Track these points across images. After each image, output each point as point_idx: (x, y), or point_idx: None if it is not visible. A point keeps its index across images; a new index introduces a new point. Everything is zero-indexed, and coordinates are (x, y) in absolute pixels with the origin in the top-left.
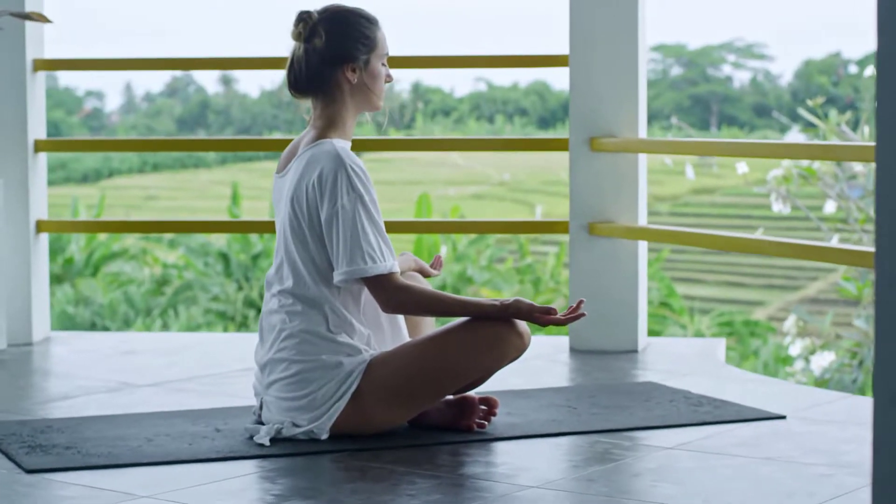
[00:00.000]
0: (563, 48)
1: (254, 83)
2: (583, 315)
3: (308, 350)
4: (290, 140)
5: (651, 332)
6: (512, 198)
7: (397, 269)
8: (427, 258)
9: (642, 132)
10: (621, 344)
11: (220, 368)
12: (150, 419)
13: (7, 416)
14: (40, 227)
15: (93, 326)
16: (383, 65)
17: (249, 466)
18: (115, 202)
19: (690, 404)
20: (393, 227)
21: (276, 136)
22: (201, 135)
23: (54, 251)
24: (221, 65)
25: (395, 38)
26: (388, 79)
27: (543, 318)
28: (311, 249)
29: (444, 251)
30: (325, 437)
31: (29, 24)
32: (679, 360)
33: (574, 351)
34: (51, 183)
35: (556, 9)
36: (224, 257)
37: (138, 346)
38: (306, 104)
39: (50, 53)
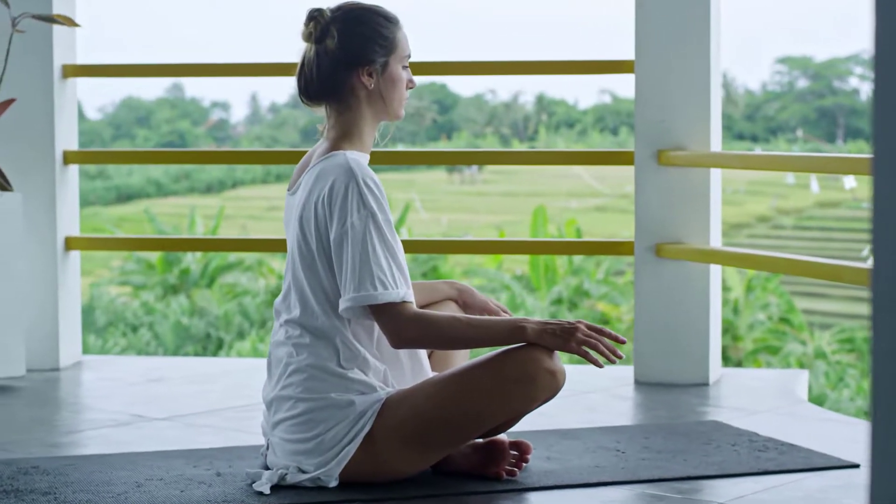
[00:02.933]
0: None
1: None
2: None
3: (316, 387)
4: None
5: (769, 350)
6: (633, 210)
7: (412, 299)
8: (544, 272)
9: (715, 145)
10: (691, 376)
11: (247, 400)
12: (148, 459)
13: None
14: (69, 244)
15: (207, 338)
16: (404, 68)
17: None
18: (236, 213)
19: (754, 449)
20: (456, 247)
21: (400, 147)
22: None
23: (170, 262)
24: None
25: (455, 44)
26: (410, 84)
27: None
28: (321, 275)
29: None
30: (333, 484)
31: (58, 29)
32: (753, 395)
33: (639, 384)
34: (173, 193)
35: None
36: None
37: (170, 373)
38: (320, 113)
39: (108, 59)
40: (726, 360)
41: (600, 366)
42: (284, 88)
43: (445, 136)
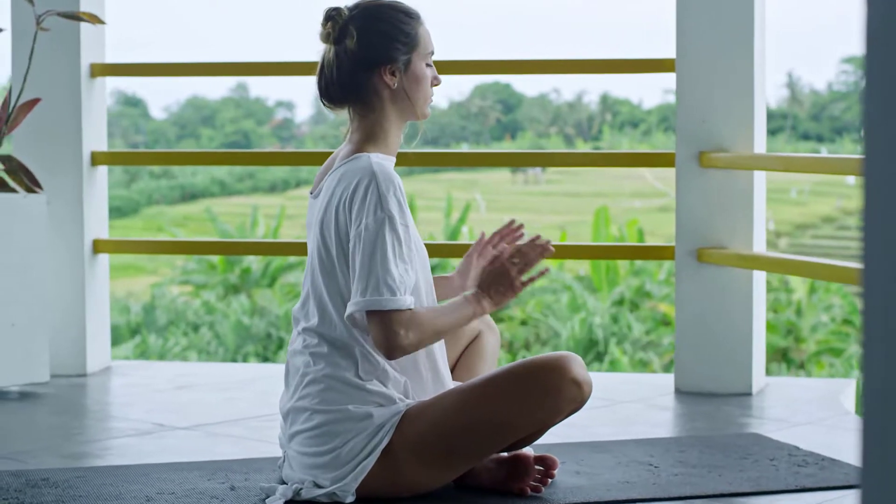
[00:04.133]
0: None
1: (442, 94)
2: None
3: (333, 398)
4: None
5: (832, 352)
6: None
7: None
8: (606, 273)
9: (759, 146)
10: (733, 386)
11: (272, 408)
12: (163, 471)
13: (8, 465)
14: (97, 247)
15: (267, 337)
16: (428, 65)
17: None
18: (299, 213)
19: (793, 464)
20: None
21: (464, 147)
22: None
23: (231, 262)
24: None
25: (509, 42)
26: (435, 81)
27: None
28: (340, 282)
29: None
30: (350, 500)
31: (86, 27)
32: (797, 406)
33: (679, 393)
34: (237, 192)
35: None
36: None
37: (199, 380)
38: (343, 115)
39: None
40: (789, 362)
41: (545, 271)
42: None
43: (509, 136)
